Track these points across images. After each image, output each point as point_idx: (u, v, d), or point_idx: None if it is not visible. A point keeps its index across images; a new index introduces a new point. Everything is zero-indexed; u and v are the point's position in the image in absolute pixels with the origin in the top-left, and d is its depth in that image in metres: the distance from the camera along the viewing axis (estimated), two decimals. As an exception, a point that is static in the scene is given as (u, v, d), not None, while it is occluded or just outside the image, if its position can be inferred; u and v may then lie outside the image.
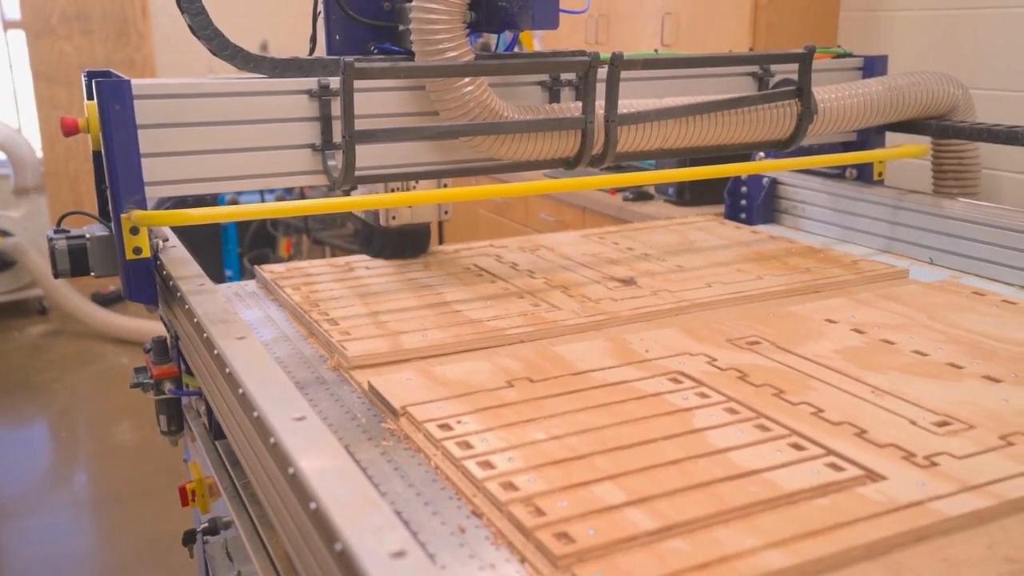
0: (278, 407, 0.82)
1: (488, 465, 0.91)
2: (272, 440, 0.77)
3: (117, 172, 1.28)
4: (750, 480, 0.87)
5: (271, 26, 4.86)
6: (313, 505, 0.67)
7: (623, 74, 1.48)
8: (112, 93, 1.25)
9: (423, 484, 0.92)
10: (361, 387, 1.16)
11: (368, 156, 1.42)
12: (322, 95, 1.42)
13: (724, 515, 0.81)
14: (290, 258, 4.08)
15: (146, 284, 1.34)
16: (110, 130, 1.27)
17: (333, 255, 4.46)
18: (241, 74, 1.46)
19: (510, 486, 0.86)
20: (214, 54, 1.36)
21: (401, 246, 1.71)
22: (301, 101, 1.42)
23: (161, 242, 1.40)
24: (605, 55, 1.50)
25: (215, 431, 1.22)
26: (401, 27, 1.50)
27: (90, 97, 1.39)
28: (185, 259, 1.36)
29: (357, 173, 1.38)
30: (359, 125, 1.34)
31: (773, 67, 1.79)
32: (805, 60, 1.63)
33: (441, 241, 3.68)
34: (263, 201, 3.98)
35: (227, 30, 1.40)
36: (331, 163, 1.44)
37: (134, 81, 1.29)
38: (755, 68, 1.78)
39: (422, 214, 1.68)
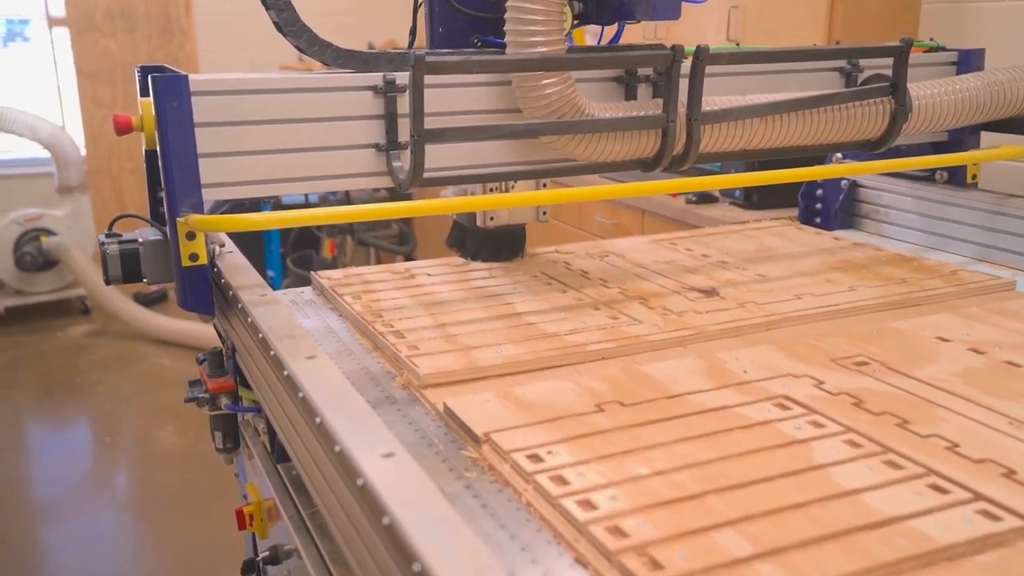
0: (363, 442, 0.72)
1: (589, 505, 0.81)
2: (360, 481, 0.68)
3: (173, 173, 1.20)
4: (894, 529, 0.76)
5: (320, 25, 4.79)
6: (417, 567, 0.57)
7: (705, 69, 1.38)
8: (169, 89, 1.18)
9: (516, 524, 0.82)
10: (435, 408, 1.07)
11: (439, 156, 1.33)
12: (388, 91, 1.33)
13: (873, 573, 0.70)
14: (334, 259, 4.02)
15: (202, 292, 1.26)
16: (166, 128, 1.19)
17: (378, 257, 4.39)
18: (297, 71, 1.37)
19: (617, 531, 0.76)
20: (280, 29, 1.28)
21: (497, 248, 1.62)
22: (365, 98, 1.33)
23: (218, 247, 1.32)
24: (689, 48, 1.39)
25: (278, 453, 1.14)
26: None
27: (144, 93, 1.31)
28: (243, 266, 1.28)
29: (426, 175, 1.28)
30: (433, 123, 1.25)
31: (860, 62, 1.67)
32: (901, 54, 1.51)
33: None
34: (307, 203, 3.92)
35: (270, 26, 1.32)
36: (396, 164, 1.35)
37: (191, 76, 1.21)
38: (842, 63, 1.66)
39: (520, 215, 1.59)
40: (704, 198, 2.55)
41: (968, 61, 1.76)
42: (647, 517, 0.78)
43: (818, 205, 2.02)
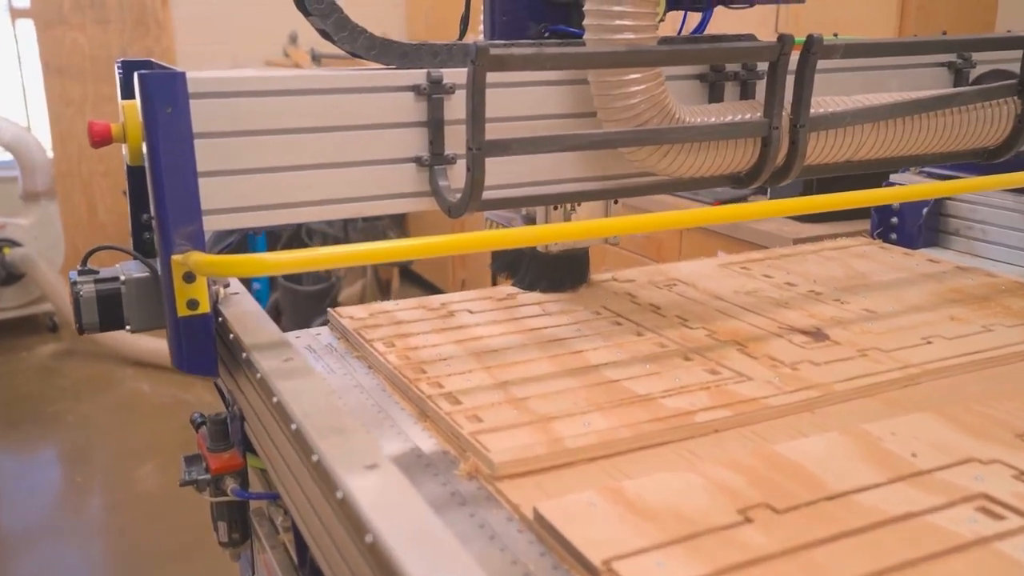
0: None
1: None
2: None
3: (166, 197, 0.93)
4: None
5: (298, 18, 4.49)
6: None
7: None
8: (162, 90, 0.90)
9: None
10: (518, 511, 0.81)
11: (493, 172, 1.07)
12: (432, 92, 1.06)
13: None
14: (327, 272, 3.72)
15: (203, 348, 0.99)
16: (158, 140, 0.92)
17: (374, 269, 4.11)
18: (291, 70, 1.10)
19: None
20: (302, 7, 1.02)
21: (559, 276, 1.37)
22: (404, 100, 1.07)
23: (222, 289, 1.05)
24: (799, 38, 1.14)
25: (309, 569, 0.87)
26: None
27: (127, 95, 1.04)
28: (255, 314, 1.01)
29: (485, 195, 1.02)
30: (490, 131, 0.99)
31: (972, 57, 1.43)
32: (1034, 47, 1.28)
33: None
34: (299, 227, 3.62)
35: (253, 17, 1.06)
36: (442, 183, 1.09)
37: (189, 74, 0.93)
38: (951, 57, 1.42)
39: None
40: (752, 210, 2.29)
41: (1088, 56, 1.52)
42: None
43: (893, 219, 1.78)
